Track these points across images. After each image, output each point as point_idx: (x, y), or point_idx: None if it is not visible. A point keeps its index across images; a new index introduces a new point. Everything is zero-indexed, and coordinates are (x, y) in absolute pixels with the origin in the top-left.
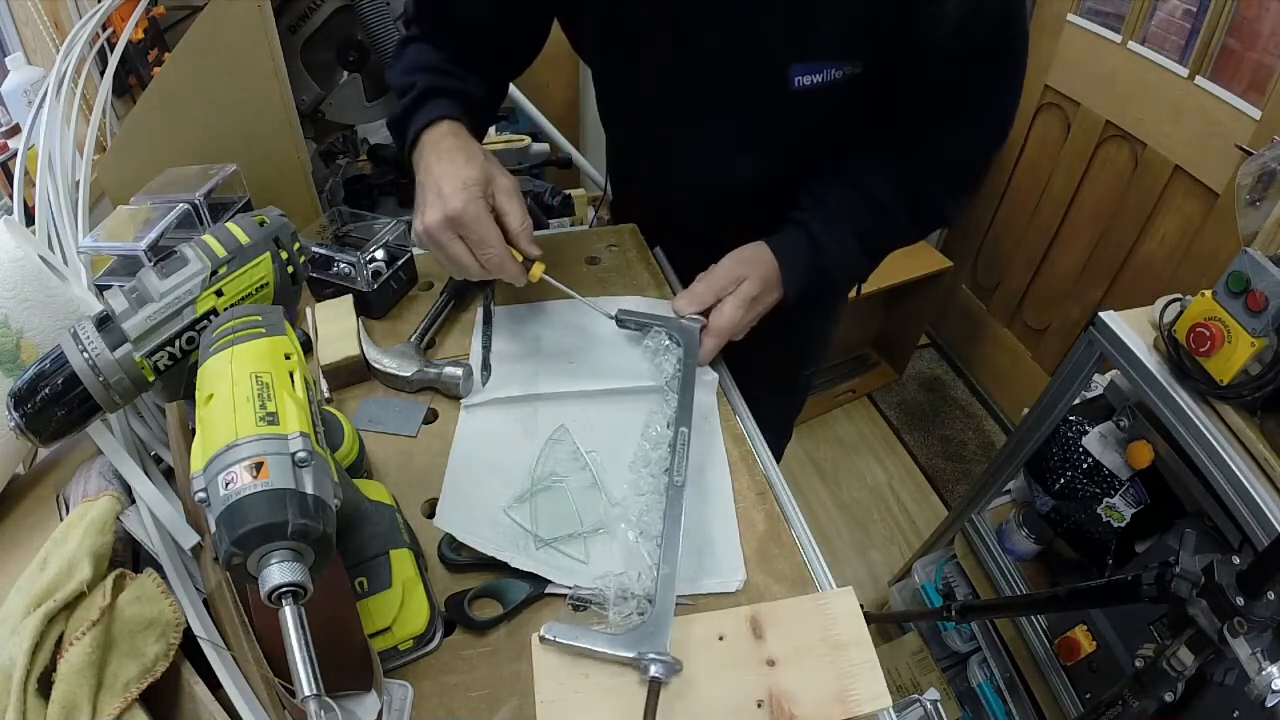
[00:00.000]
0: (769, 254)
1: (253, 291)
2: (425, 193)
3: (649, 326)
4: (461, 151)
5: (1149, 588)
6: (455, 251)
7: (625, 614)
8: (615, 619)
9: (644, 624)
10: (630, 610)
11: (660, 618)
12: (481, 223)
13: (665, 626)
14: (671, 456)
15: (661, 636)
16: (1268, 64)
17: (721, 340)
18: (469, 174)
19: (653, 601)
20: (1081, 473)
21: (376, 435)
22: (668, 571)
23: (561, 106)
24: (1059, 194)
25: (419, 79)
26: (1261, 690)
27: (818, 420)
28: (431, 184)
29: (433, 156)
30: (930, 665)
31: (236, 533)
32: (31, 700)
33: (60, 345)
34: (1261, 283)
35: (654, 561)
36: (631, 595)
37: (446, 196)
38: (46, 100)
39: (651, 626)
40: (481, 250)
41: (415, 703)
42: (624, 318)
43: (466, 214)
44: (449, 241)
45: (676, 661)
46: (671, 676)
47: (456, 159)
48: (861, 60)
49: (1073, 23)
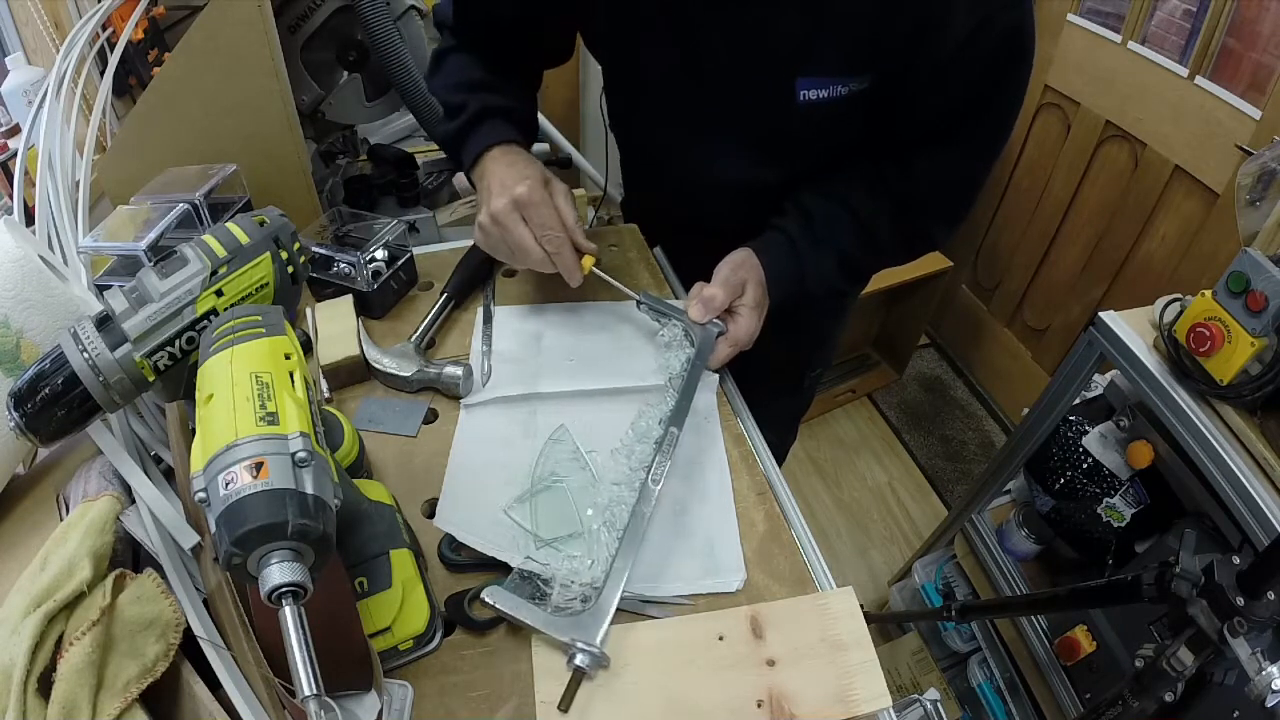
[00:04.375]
0: (756, 259)
1: (253, 291)
2: (489, 190)
3: (669, 318)
4: (522, 158)
5: (1149, 588)
6: (519, 234)
7: (569, 597)
8: (557, 600)
9: (584, 611)
10: (574, 595)
11: (601, 609)
12: (545, 206)
13: (602, 618)
14: (654, 455)
15: (596, 627)
16: (1268, 64)
17: (739, 349)
18: (530, 170)
19: (600, 592)
20: (1081, 473)
21: (376, 435)
22: (620, 566)
23: (562, 106)
24: (1059, 194)
25: (471, 99)
26: (1261, 690)
27: (818, 420)
28: (496, 182)
29: (496, 168)
30: (930, 665)
31: (236, 533)
32: (31, 700)
33: (60, 345)
34: (1261, 283)
35: (613, 553)
36: (580, 582)
37: (510, 185)
38: (46, 100)
39: (589, 617)
40: (544, 231)
41: (415, 703)
42: (645, 300)
43: (531, 197)
44: (514, 224)
45: (604, 656)
46: (597, 670)
47: (517, 163)
48: (868, 76)
49: (1073, 23)
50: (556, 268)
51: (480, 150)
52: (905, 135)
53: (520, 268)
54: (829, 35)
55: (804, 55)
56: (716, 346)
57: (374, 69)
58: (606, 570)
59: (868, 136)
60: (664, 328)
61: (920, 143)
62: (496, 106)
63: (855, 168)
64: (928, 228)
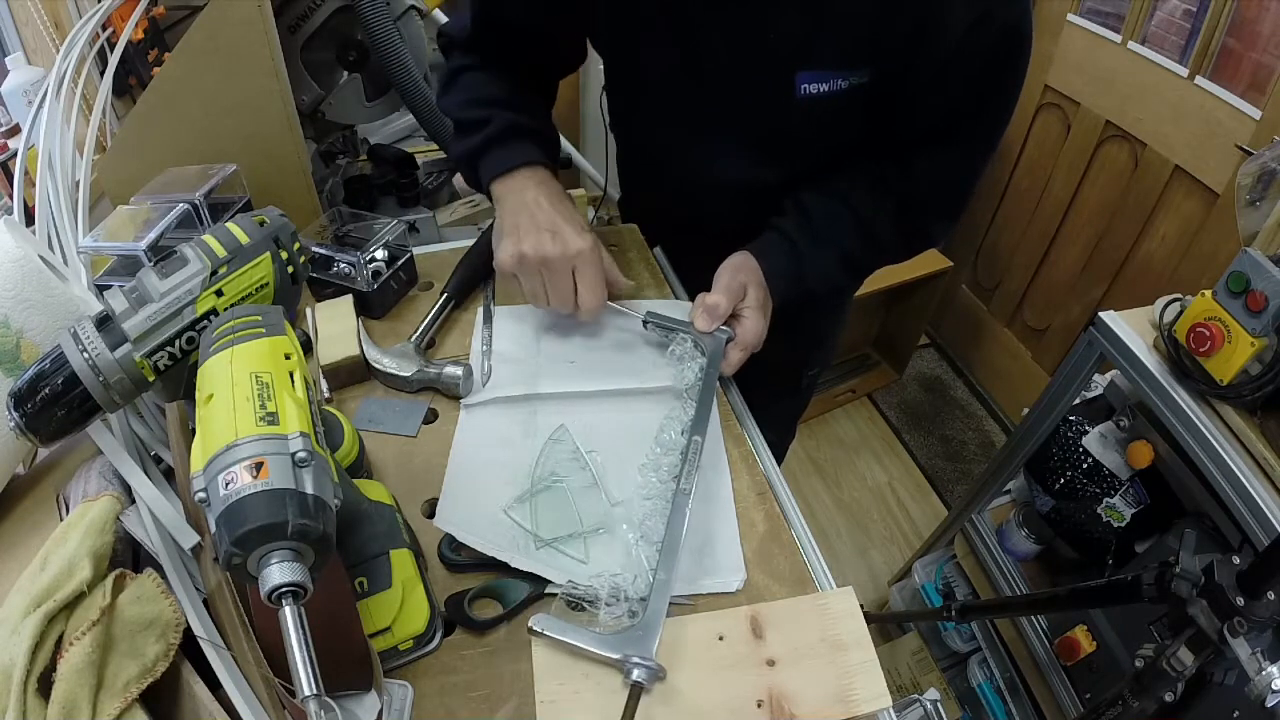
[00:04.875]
0: (754, 261)
1: (253, 291)
2: (533, 221)
3: (675, 332)
4: (568, 199)
5: (1149, 588)
6: (565, 287)
7: (616, 615)
8: (605, 619)
9: (633, 627)
10: (621, 612)
11: (650, 622)
12: (597, 267)
13: (654, 632)
14: (681, 463)
15: (649, 641)
16: (1268, 64)
17: (749, 352)
18: (582, 220)
19: (646, 605)
20: (1081, 473)
21: (376, 435)
22: (664, 577)
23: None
24: (1059, 194)
25: (495, 115)
26: (1261, 690)
27: (818, 420)
28: (544, 218)
29: (539, 194)
30: (930, 665)
31: (236, 533)
32: (31, 700)
33: (60, 345)
34: (1261, 283)
35: (652, 566)
36: (625, 597)
37: (568, 236)
38: (46, 100)
39: (640, 630)
40: (596, 286)
41: (415, 703)
42: (651, 319)
43: (593, 257)
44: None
45: (660, 668)
46: (654, 683)
47: (566, 204)
48: (868, 71)
49: (1073, 23)
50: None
51: (507, 169)
52: (905, 135)
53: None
54: (829, 34)
55: (804, 52)
56: (728, 353)
57: (374, 69)
58: (650, 583)
59: (868, 136)
60: (673, 343)
61: (920, 142)
62: (525, 126)
63: (855, 168)
64: (927, 226)
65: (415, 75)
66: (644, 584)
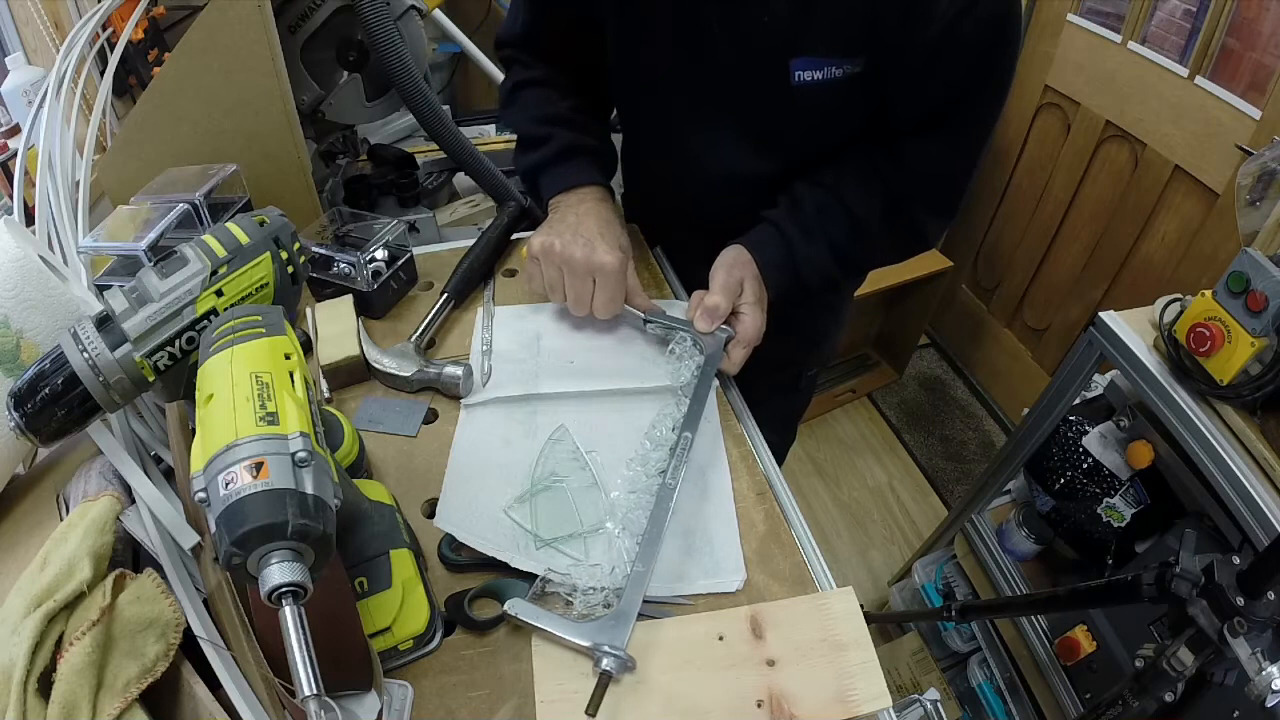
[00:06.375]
0: (748, 254)
1: (253, 291)
2: (574, 233)
3: (675, 331)
4: (616, 222)
5: (1149, 588)
6: (583, 290)
7: (591, 604)
8: (580, 607)
9: (607, 617)
10: (597, 601)
11: (624, 613)
12: (622, 284)
13: (627, 623)
14: (669, 458)
15: (621, 631)
16: (1268, 64)
17: (751, 346)
18: (625, 240)
19: (621, 596)
20: (1081, 473)
21: (376, 435)
22: (641, 570)
23: None
24: (1059, 194)
25: (555, 133)
26: (1261, 690)
27: (818, 420)
28: (585, 230)
29: (589, 209)
30: (930, 665)
31: (236, 533)
32: (31, 700)
33: (60, 345)
34: (1261, 283)
35: (633, 558)
36: (601, 588)
37: (599, 250)
38: (46, 100)
39: (613, 620)
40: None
41: (415, 703)
42: (652, 319)
43: (617, 274)
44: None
45: (631, 658)
46: (623, 673)
47: (613, 226)
48: (862, 58)
49: (1073, 23)
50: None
51: (565, 187)
52: (895, 125)
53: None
54: (822, 15)
55: (798, 38)
56: (730, 352)
57: (374, 69)
58: (627, 575)
59: (862, 130)
60: (673, 341)
61: (910, 133)
62: (586, 146)
63: (848, 160)
64: (920, 220)
65: (415, 75)
66: (622, 575)
